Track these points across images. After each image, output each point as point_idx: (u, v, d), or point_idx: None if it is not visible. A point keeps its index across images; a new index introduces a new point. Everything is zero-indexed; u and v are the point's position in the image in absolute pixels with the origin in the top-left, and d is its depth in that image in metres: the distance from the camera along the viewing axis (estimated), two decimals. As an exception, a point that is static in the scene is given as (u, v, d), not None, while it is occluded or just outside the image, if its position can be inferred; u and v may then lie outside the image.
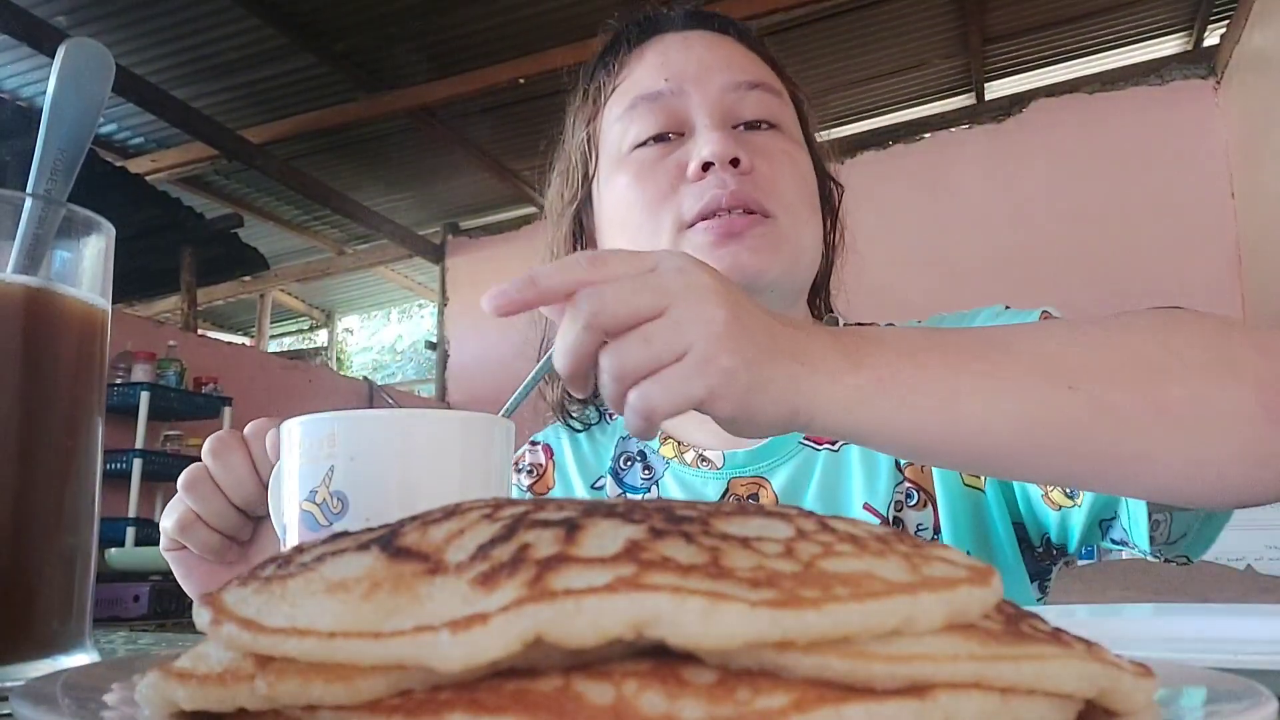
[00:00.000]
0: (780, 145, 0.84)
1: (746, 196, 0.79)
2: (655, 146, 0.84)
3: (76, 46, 0.50)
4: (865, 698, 0.21)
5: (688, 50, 0.87)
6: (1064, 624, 0.28)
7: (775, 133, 0.85)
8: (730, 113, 0.83)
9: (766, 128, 0.85)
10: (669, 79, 0.84)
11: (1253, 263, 4.29)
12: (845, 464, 0.84)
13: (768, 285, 0.79)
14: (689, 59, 0.85)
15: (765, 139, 0.84)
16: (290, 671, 0.23)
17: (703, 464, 0.88)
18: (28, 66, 4.21)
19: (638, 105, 0.85)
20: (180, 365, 4.50)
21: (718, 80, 0.84)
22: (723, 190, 0.78)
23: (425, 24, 4.21)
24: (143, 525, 4.16)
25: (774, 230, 0.80)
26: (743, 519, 0.27)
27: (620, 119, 0.86)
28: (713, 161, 0.79)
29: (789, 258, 0.81)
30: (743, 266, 0.77)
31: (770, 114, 0.85)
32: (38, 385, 0.48)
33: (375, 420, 0.50)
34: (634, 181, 0.84)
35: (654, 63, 0.87)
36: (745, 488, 0.86)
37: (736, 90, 0.84)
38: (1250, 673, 0.31)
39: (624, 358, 0.47)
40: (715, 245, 0.78)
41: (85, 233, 0.51)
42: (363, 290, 7.91)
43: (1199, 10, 4.55)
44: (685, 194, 0.80)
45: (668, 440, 0.91)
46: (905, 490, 0.82)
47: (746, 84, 0.84)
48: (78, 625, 0.49)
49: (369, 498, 0.48)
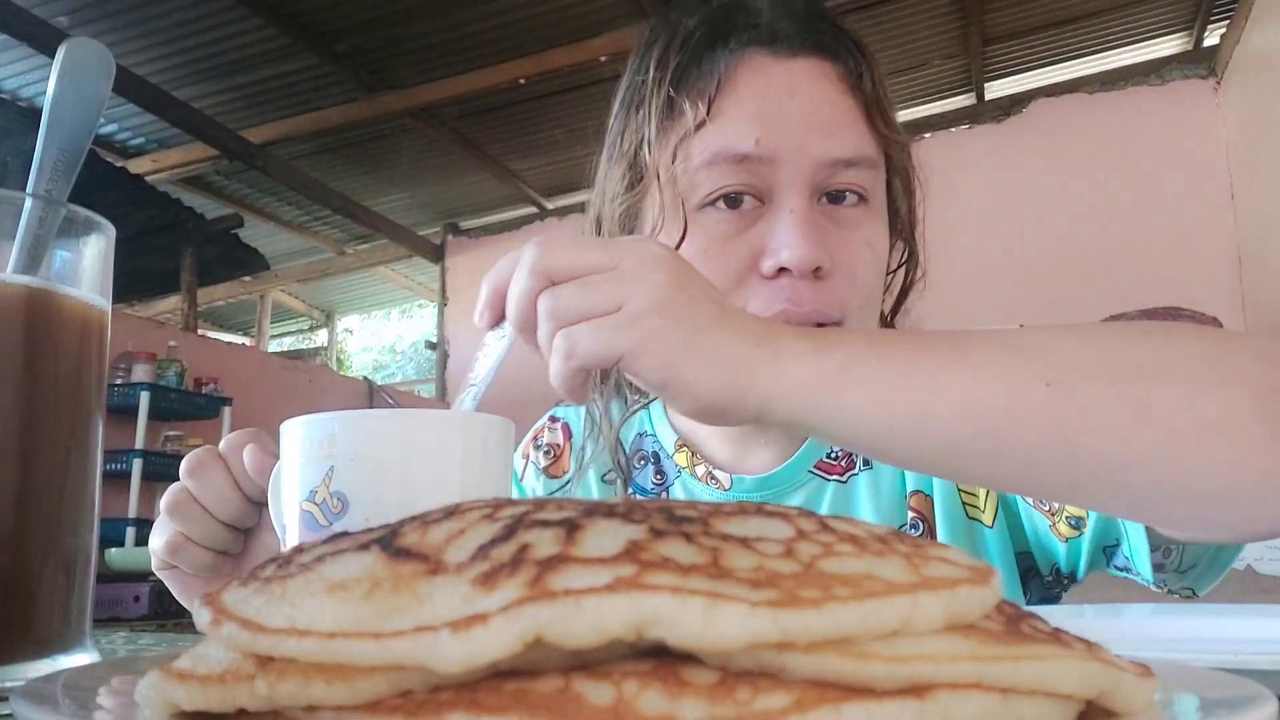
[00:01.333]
0: (864, 233, 0.76)
1: (819, 313, 0.72)
2: (730, 212, 0.75)
3: (76, 46, 0.50)
4: (865, 698, 0.21)
5: (789, 101, 0.75)
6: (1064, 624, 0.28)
7: (862, 210, 0.77)
8: (820, 186, 0.75)
9: (854, 202, 0.76)
10: (760, 140, 0.74)
11: (1253, 263, 4.29)
12: (854, 495, 0.83)
13: None
14: (788, 118, 0.74)
15: (849, 219, 0.76)
16: (290, 672, 0.23)
17: (711, 481, 0.86)
18: (28, 66, 4.21)
19: (719, 163, 0.74)
20: (180, 365, 4.50)
21: (814, 153, 0.74)
22: (795, 308, 0.71)
23: (426, 24, 4.21)
24: (143, 525, 4.16)
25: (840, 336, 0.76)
26: (742, 519, 0.27)
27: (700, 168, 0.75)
28: (788, 268, 0.72)
29: None
30: None
31: (861, 189, 0.76)
32: (38, 385, 0.48)
33: (375, 420, 0.50)
34: (701, 255, 0.75)
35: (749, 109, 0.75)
36: None
37: (833, 167, 0.74)
38: (1250, 673, 0.31)
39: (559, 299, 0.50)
40: None
41: (85, 233, 0.51)
42: (363, 290, 7.92)
43: (1199, 10, 4.55)
44: (753, 292, 0.73)
45: (683, 448, 0.89)
46: (912, 521, 0.81)
47: (844, 161, 0.75)
48: (78, 625, 0.49)
49: (369, 498, 0.48)
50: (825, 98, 0.77)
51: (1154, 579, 0.68)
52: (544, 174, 5.77)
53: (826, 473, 0.84)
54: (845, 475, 0.83)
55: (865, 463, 0.83)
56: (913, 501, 0.81)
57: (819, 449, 0.84)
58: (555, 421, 1.00)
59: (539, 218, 6.18)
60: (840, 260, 0.74)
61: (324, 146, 5.20)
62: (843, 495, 0.83)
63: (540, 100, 4.83)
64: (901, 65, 4.84)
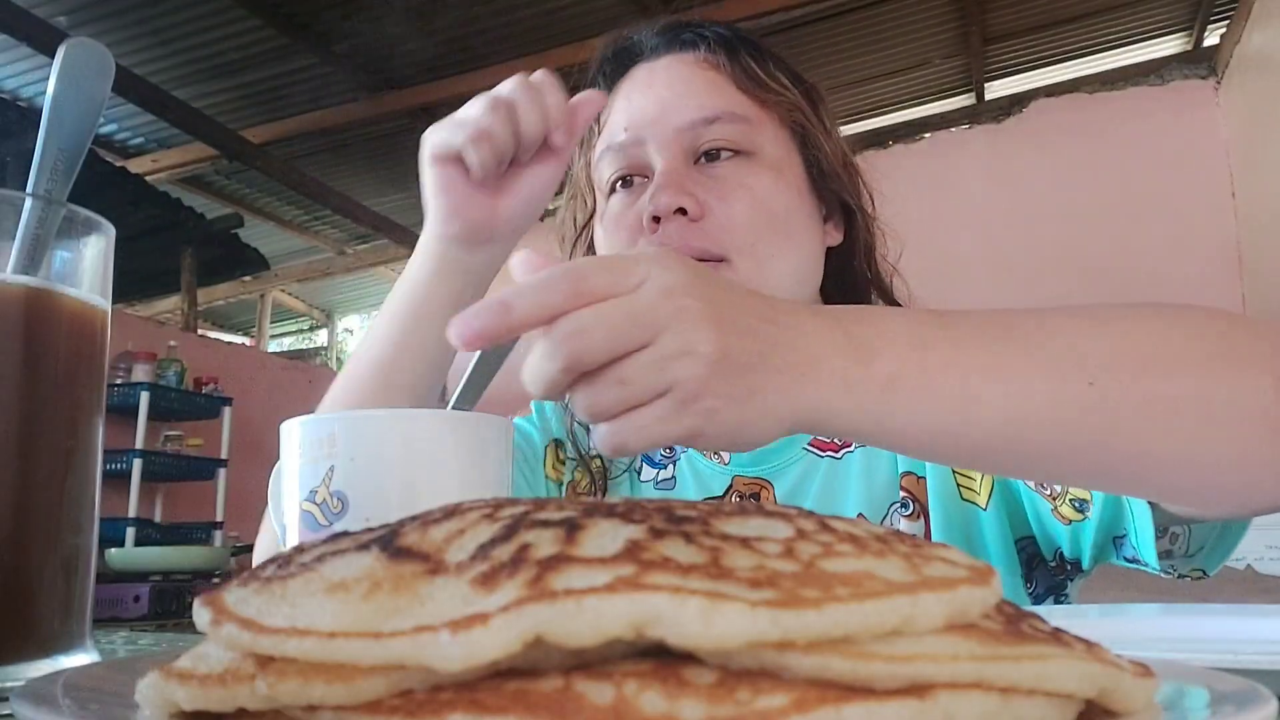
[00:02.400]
0: (739, 178, 0.82)
1: (692, 248, 0.78)
2: (623, 193, 0.86)
3: (76, 46, 0.50)
4: (865, 698, 0.21)
5: (648, 90, 0.86)
6: (1065, 624, 0.28)
7: (738, 161, 0.83)
8: (689, 149, 0.83)
9: (730, 156, 0.83)
10: (628, 128, 0.85)
11: (1253, 263, 4.29)
12: (846, 473, 0.84)
13: None
14: (648, 101, 0.85)
15: (724, 172, 0.82)
16: (291, 672, 0.23)
17: (713, 456, 0.89)
18: (28, 66, 4.21)
19: (604, 155, 0.87)
20: (180, 365, 4.51)
21: (673, 121, 0.83)
22: (668, 244, 0.77)
23: (426, 24, 4.21)
24: (143, 525, 4.17)
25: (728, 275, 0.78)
26: (743, 519, 0.27)
27: (596, 164, 0.89)
28: (659, 215, 0.79)
29: None
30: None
31: (734, 142, 0.83)
32: (38, 385, 0.48)
33: (375, 420, 0.51)
34: (605, 234, 0.86)
35: (619, 109, 0.87)
36: (748, 486, 0.87)
37: (693, 128, 0.83)
38: (1250, 673, 0.31)
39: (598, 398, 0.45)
40: None
41: (85, 233, 0.51)
42: (363, 290, 7.91)
43: (1199, 10, 4.55)
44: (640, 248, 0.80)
45: None
46: (902, 500, 0.82)
47: (703, 120, 0.83)
48: (78, 625, 0.49)
49: (369, 498, 0.48)
50: (680, 77, 0.86)
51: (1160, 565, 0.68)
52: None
53: (820, 449, 0.86)
54: (840, 453, 0.85)
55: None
56: (904, 482, 0.82)
57: None
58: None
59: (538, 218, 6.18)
60: (710, 203, 0.80)
61: (324, 146, 5.20)
62: (835, 472, 0.85)
63: (540, 100, 4.83)
64: (901, 65, 4.84)
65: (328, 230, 6.44)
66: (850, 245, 0.91)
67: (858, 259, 0.92)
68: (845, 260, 0.92)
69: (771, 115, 0.86)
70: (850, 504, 0.82)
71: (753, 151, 0.83)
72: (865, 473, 0.83)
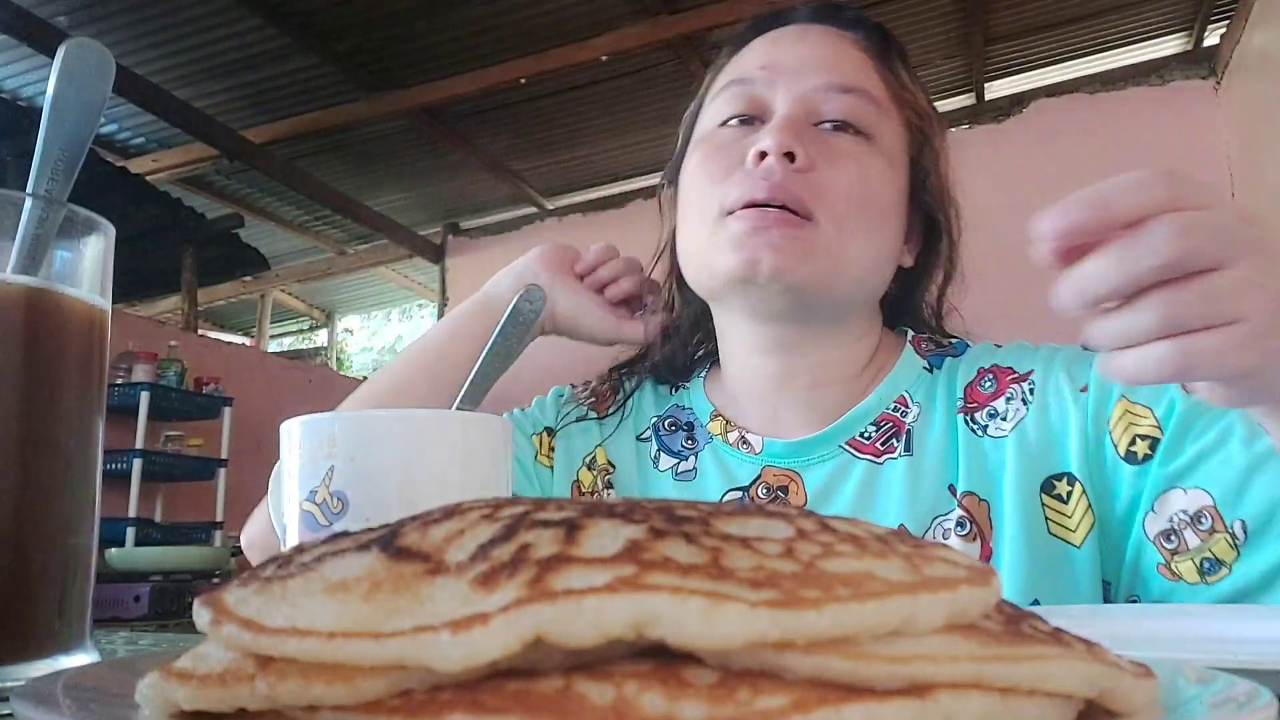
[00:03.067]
0: (854, 152, 0.81)
1: (789, 194, 0.76)
2: (735, 128, 0.84)
3: (76, 46, 0.50)
4: (865, 698, 0.21)
5: (796, 43, 0.85)
6: (1065, 624, 0.28)
7: (858, 140, 0.81)
8: (814, 110, 0.81)
9: (850, 133, 0.81)
10: (765, 67, 0.84)
11: (1253, 263, 4.29)
12: (888, 480, 0.82)
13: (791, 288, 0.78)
14: (792, 53, 0.84)
15: (841, 143, 0.81)
16: (291, 672, 0.23)
17: (743, 446, 0.87)
18: (28, 66, 4.21)
19: (729, 88, 0.85)
20: (181, 365, 4.51)
21: (810, 77, 0.82)
22: (767, 181, 0.77)
23: (426, 24, 4.21)
24: (143, 525, 4.17)
25: (809, 235, 0.77)
26: (743, 519, 0.27)
27: (715, 98, 0.87)
28: (768, 152, 0.77)
29: (824, 267, 0.78)
30: (758, 263, 0.76)
31: (857, 119, 0.81)
32: (38, 385, 0.48)
33: (375, 420, 0.51)
34: (703, 159, 0.84)
35: (760, 49, 0.86)
36: (776, 478, 0.85)
37: (827, 91, 0.81)
38: (1250, 673, 0.31)
39: (1183, 309, 0.43)
40: (744, 236, 0.77)
41: (85, 233, 0.51)
42: (363, 290, 7.91)
43: (1199, 10, 4.55)
44: (734, 180, 0.79)
45: (717, 418, 0.90)
46: (955, 518, 0.79)
47: (839, 86, 0.82)
48: (78, 625, 0.49)
49: (369, 498, 0.48)
50: (830, 44, 0.85)
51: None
52: (544, 174, 5.77)
53: (857, 450, 0.84)
54: (881, 458, 0.83)
55: (906, 448, 0.83)
56: (964, 501, 0.79)
57: (853, 425, 0.84)
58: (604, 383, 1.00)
59: (539, 218, 6.18)
60: (819, 161, 0.78)
61: (324, 146, 5.20)
62: (873, 476, 0.82)
63: (540, 100, 4.83)
64: (901, 65, 4.83)
65: (328, 230, 6.44)
66: (920, 273, 0.91)
67: (922, 289, 0.92)
68: (910, 286, 0.91)
69: (899, 114, 0.85)
70: (890, 512, 0.80)
71: (873, 136, 0.82)
72: (909, 482, 0.81)
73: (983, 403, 0.83)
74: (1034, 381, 0.82)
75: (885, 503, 0.81)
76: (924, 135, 0.87)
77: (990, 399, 0.83)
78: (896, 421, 0.84)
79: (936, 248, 0.90)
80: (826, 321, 0.84)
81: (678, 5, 4.23)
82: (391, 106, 4.77)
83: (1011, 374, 0.84)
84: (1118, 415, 0.76)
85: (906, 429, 0.84)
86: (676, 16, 4.25)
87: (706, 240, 0.81)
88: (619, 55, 4.42)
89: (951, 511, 0.79)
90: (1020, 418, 0.80)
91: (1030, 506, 0.77)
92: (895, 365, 0.87)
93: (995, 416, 0.82)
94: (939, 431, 0.83)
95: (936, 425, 0.84)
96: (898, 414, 0.85)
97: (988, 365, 0.86)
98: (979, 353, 0.88)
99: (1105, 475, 0.76)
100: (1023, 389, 0.82)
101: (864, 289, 0.85)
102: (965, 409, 0.83)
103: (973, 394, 0.84)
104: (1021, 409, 0.81)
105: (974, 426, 0.82)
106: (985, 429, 0.82)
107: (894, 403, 0.85)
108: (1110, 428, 0.76)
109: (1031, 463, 0.78)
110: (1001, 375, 0.84)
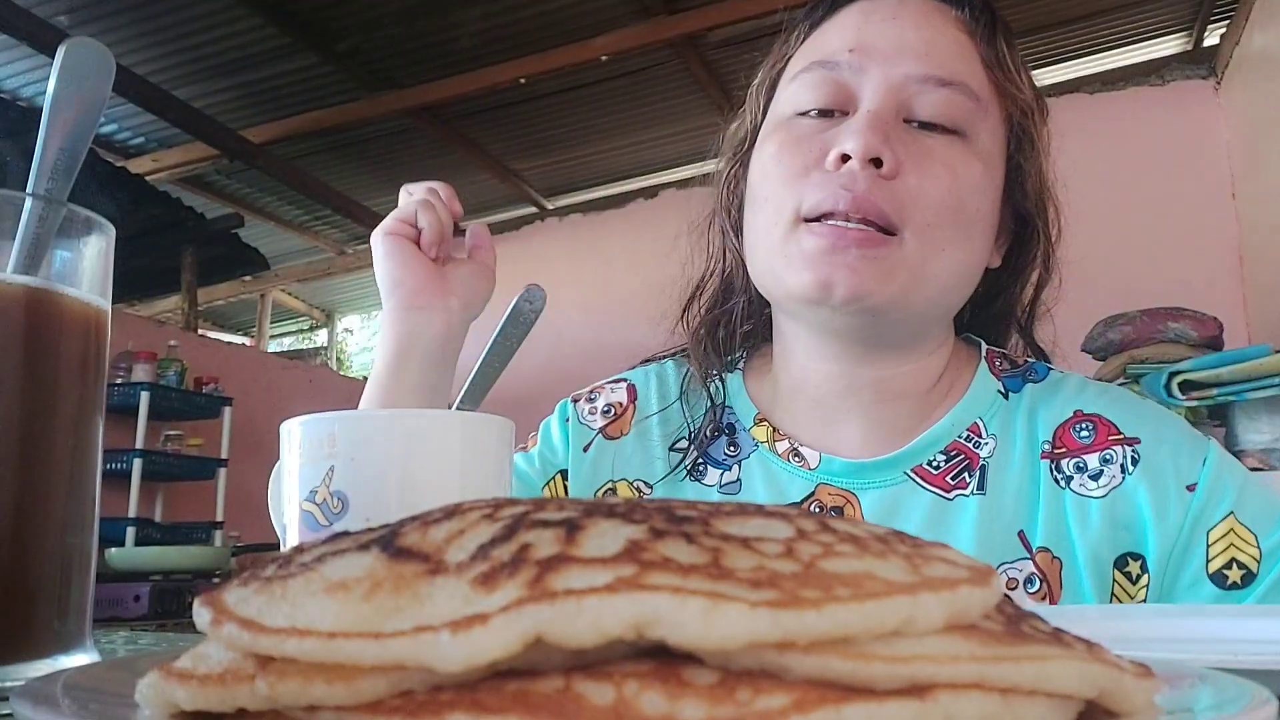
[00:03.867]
0: (946, 156, 0.73)
1: (872, 207, 0.70)
2: (815, 120, 0.76)
3: (76, 46, 0.50)
4: (866, 698, 0.21)
5: (890, 21, 0.76)
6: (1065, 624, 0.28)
7: (952, 140, 0.74)
8: (905, 105, 0.73)
9: (943, 133, 0.74)
10: (854, 49, 0.75)
11: (1253, 263, 4.29)
12: (956, 518, 0.76)
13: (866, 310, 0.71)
14: (885, 33, 0.75)
15: (933, 144, 0.73)
16: (291, 672, 0.23)
17: (795, 459, 0.80)
18: (28, 66, 4.21)
19: (812, 70, 0.76)
20: (181, 365, 4.51)
21: (906, 65, 0.73)
22: (849, 190, 0.70)
23: (426, 24, 4.21)
24: (143, 525, 4.17)
25: (892, 253, 0.71)
26: (743, 519, 0.27)
27: (794, 79, 0.78)
28: (851, 155, 0.70)
29: (905, 285, 0.72)
30: (833, 286, 0.70)
31: (953, 118, 0.74)
32: (38, 385, 0.48)
33: (375, 420, 0.51)
34: (777, 152, 0.76)
35: (850, 26, 0.77)
36: (832, 497, 0.78)
37: (923, 83, 0.73)
38: (1250, 673, 0.31)
39: None
40: (819, 254, 0.71)
41: (85, 233, 0.51)
42: (363, 290, 7.90)
43: (1199, 10, 4.55)
44: (813, 182, 0.72)
45: (762, 422, 0.83)
46: (1027, 573, 0.74)
47: (937, 79, 0.73)
48: (78, 625, 0.49)
49: (369, 498, 0.48)
50: (931, 24, 0.76)
51: None
52: (544, 174, 5.77)
53: (924, 479, 0.78)
54: (950, 492, 0.77)
55: (980, 486, 0.77)
56: (1039, 558, 0.74)
57: (921, 452, 0.78)
58: (620, 382, 0.93)
59: (539, 218, 6.18)
60: (908, 166, 0.71)
61: (325, 146, 5.20)
62: (941, 511, 0.76)
63: (540, 100, 4.83)
64: (902, 65, 4.83)
65: (328, 230, 6.44)
66: (1008, 275, 0.84)
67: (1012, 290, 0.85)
68: (997, 287, 0.85)
69: (999, 108, 0.78)
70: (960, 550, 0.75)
71: (968, 135, 0.75)
72: (981, 524, 0.75)
73: (1073, 451, 0.77)
74: (1139, 452, 0.75)
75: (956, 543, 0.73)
76: (1028, 129, 0.80)
77: (1084, 450, 0.76)
78: (969, 454, 0.78)
79: (1029, 246, 0.83)
80: (901, 335, 0.78)
81: (678, 5, 4.22)
82: (391, 106, 4.77)
83: (1114, 432, 0.77)
84: (1222, 532, 0.71)
85: (980, 464, 0.77)
86: (676, 16, 4.25)
87: (778, 246, 0.74)
88: (619, 55, 4.41)
89: (1020, 561, 0.74)
90: (1115, 484, 0.75)
91: (1102, 577, 0.73)
92: (969, 386, 0.81)
93: (1083, 471, 0.76)
94: (1017, 474, 0.77)
95: (1015, 466, 0.77)
96: (970, 444, 0.78)
97: (1088, 411, 0.78)
98: (1072, 389, 0.81)
99: (1182, 581, 0.72)
100: (1125, 454, 0.75)
101: (947, 304, 0.79)
102: (1052, 454, 0.77)
103: (1064, 438, 0.78)
104: (1119, 476, 0.75)
105: (1058, 476, 0.76)
106: (1070, 481, 0.76)
107: (966, 430, 0.79)
108: (1210, 540, 0.72)
109: (1115, 534, 0.73)
110: (1102, 428, 0.77)
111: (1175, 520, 0.72)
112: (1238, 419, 2.31)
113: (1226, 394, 2.25)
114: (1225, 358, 2.32)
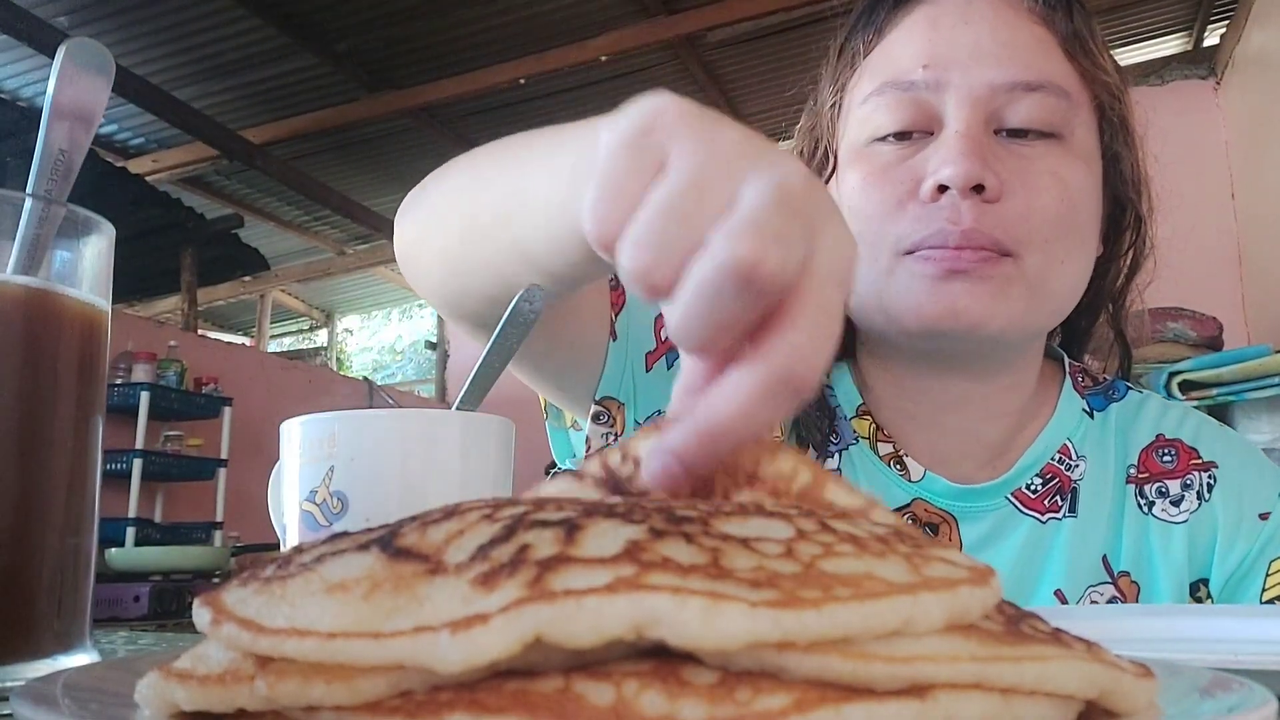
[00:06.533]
0: (1049, 164, 0.69)
1: (984, 237, 0.66)
2: (896, 145, 0.71)
3: (76, 46, 0.50)
4: (866, 698, 0.21)
5: (962, 27, 0.70)
6: (1065, 624, 0.28)
7: (1049, 145, 0.69)
8: (994, 115, 0.69)
9: (1039, 137, 0.69)
10: (928, 65, 0.69)
11: (1253, 262, 4.29)
12: (1050, 541, 0.75)
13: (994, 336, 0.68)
14: (959, 41, 0.69)
15: (1032, 153, 0.69)
16: (290, 672, 0.23)
17: (896, 466, 0.76)
18: (28, 66, 4.21)
19: (884, 92, 0.71)
20: (180, 365, 4.51)
21: (987, 75, 0.68)
22: (954, 225, 0.66)
23: (426, 24, 4.21)
24: (142, 525, 4.17)
25: (1013, 272, 0.67)
26: (742, 519, 0.27)
27: (866, 101, 0.73)
28: (949, 185, 0.66)
29: (1029, 305, 0.68)
30: (959, 312, 0.66)
31: (1047, 121, 0.69)
32: (38, 385, 0.48)
33: (375, 420, 0.50)
34: (863, 185, 0.71)
35: (919, 37, 0.71)
36: (929, 515, 0.75)
37: (1010, 91, 0.68)
38: (1250, 673, 0.31)
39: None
40: (937, 281, 0.66)
41: (85, 233, 0.51)
42: (363, 290, 7.92)
43: (1199, 10, 4.56)
44: (910, 216, 0.68)
45: (865, 415, 0.78)
46: (1109, 596, 0.73)
47: (1024, 85, 0.68)
48: (78, 625, 0.49)
49: (369, 498, 0.48)
50: (1005, 22, 0.70)
51: None
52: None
53: (1023, 504, 0.75)
54: (1045, 516, 0.75)
55: (1071, 509, 0.76)
56: (1120, 581, 0.74)
57: (1019, 476, 0.76)
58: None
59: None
60: (1013, 184, 0.67)
61: (324, 146, 5.20)
62: (1039, 536, 0.75)
63: (540, 100, 4.83)
64: (901, 65, 4.84)
65: (328, 230, 6.44)
66: (1106, 262, 0.80)
67: (1109, 278, 0.81)
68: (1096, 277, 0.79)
69: (1088, 96, 0.73)
70: (1050, 574, 0.74)
71: (1064, 135, 0.70)
72: (1073, 546, 0.74)
73: (1155, 476, 0.76)
74: (1216, 477, 0.75)
75: (1049, 565, 0.74)
76: (1121, 113, 0.75)
77: (1166, 475, 0.76)
78: (1062, 477, 0.76)
79: (1125, 231, 0.79)
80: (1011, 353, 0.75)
81: (677, 5, 4.22)
82: (391, 106, 4.77)
83: (1195, 457, 0.77)
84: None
85: (1072, 486, 0.76)
86: (676, 16, 4.25)
87: (881, 280, 0.70)
88: (618, 55, 4.42)
89: (1103, 585, 0.74)
90: (1193, 510, 0.75)
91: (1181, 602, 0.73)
92: (1056, 404, 0.79)
93: (1165, 497, 0.75)
94: (1106, 498, 0.76)
95: (1103, 490, 0.76)
96: (1063, 467, 0.77)
97: (1170, 435, 0.78)
98: (1154, 411, 0.80)
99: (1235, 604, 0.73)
100: (1203, 480, 0.75)
101: (1064, 315, 0.75)
102: (1137, 480, 0.76)
103: (1147, 462, 0.77)
104: (1196, 502, 0.75)
105: (1141, 501, 0.76)
106: (1152, 506, 0.75)
107: (1058, 453, 0.77)
108: (1270, 570, 0.72)
109: (1190, 560, 0.74)
110: (1183, 453, 0.77)
111: (1244, 546, 0.73)
112: (1238, 419, 2.31)
113: (1226, 394, 2.25)
114: (1225, 358, 2.32)
